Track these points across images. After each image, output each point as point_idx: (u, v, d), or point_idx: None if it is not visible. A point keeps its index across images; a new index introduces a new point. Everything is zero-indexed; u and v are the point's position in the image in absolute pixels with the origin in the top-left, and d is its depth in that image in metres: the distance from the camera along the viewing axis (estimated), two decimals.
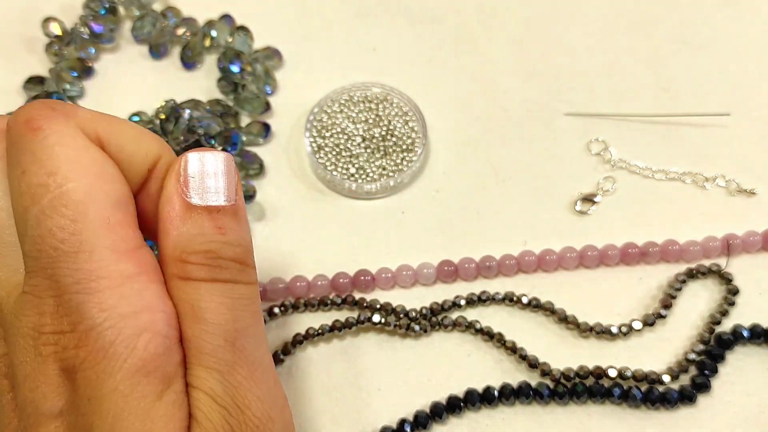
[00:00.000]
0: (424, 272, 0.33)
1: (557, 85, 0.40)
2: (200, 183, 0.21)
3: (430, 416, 0.30)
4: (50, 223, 0.19)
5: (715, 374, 0.31)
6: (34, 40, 0.40)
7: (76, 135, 0.20)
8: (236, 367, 0.21)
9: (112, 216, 0.20)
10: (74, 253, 0.19)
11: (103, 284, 0.19)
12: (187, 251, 0.21)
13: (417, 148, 0.36)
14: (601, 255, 0.34)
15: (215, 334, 0.21)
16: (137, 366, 0.19)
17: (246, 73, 0.39)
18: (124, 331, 0.19)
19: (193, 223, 0.21)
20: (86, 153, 0.20)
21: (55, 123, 0.20)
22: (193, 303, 0.21)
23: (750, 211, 0.36)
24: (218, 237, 0.21)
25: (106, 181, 0.20)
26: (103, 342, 0.18)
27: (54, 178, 0.19)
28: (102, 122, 0.21)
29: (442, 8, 0.42)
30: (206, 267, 0.21)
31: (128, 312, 0.19)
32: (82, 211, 0.19)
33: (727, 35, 0.41)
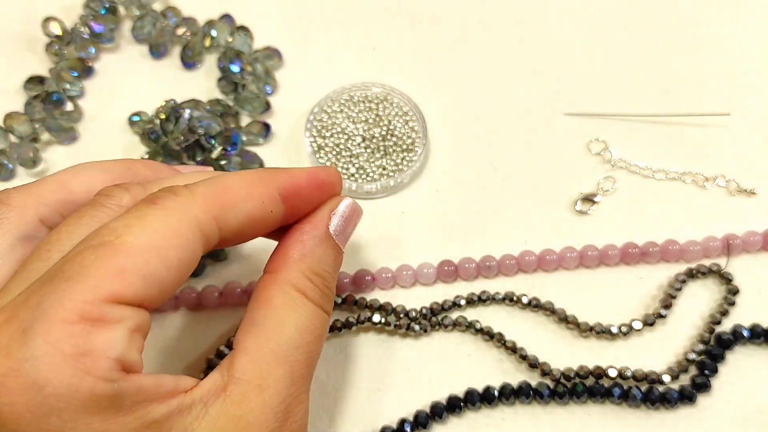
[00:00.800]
0: (424, 272, 0.33)
1: (557, 85, 0.40)
2: (343, 225, 0.26)
3: (430, 416, 0.30)
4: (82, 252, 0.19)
5: (715, 374, 0.31)
6: (34, 39, 0.40)
7: (180, 222, 0.21)
8: (303, 383, 0.23)
9: (132, 274, 0.19)
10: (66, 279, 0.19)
11: (60, 315, 0.18)
12: (312, 269, 0.24)
13: (417, 147, 0.36)
14: (601, 255, 0.34)
15: (301, 351, 0.23)
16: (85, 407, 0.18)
17: (246, 73, 0.39)
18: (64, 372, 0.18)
19: (326, 251, 0.25)
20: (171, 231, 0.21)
21: (172, 203, 0.21)
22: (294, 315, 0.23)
23: (750, 211, 0.36)
24: (334, 271, 0.26)
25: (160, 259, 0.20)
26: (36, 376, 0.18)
27: (125, 229, 0.20)
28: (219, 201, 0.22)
29: (442, 8, 0.42)
30: (320, 292, 0.24)
31: (71, 352, 0.18)
32: (110, 255, 0.19)
33: (727, 35, 0.41)
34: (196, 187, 0.22)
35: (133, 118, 0.38)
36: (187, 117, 0.35)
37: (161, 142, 0.36)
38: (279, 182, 0.24)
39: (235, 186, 0.23)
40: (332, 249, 0.26)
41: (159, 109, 0.37)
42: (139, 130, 0.37)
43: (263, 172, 0.24)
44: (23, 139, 0.37)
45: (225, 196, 0.23)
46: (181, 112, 0.35)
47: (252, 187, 0.23)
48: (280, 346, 0.22)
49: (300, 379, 0.23)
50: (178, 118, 0.35)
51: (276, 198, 0.24)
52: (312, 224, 0.25)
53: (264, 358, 0.22)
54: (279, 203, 0.24)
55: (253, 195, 0.23)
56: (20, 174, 0.37)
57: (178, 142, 0.35)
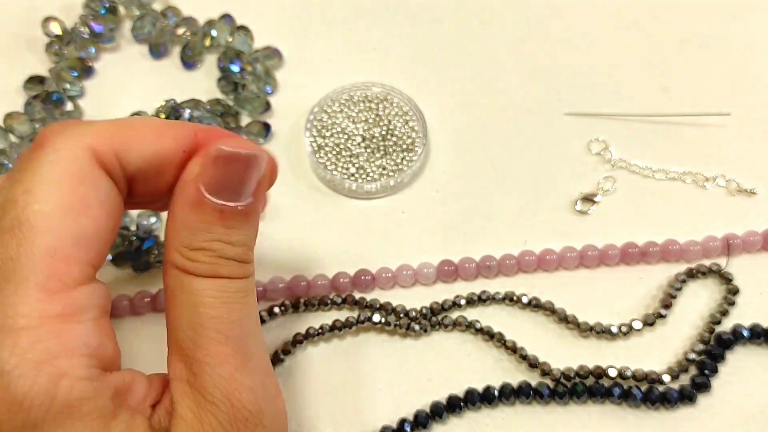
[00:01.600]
0: (424, 272, 0.33)
1: (557, 85, 0.40)
2: (221, 179, 0.20)
3: (430, 416, 0.30)
4: (1, 242, 0.18)
5: (715, 374, 0.31)
6: (35, 39, 0.40)
7: (74, 156, 0.19)
8: (228, 359, 0.20)
9: (62, 250, 0.19)
10: (3, 281, 0.18)
11: (20, 323, 0.17)
12: (189, 246, 0.20)
13: (417, 147, 0.36)
14: (601, 255, 0.34)
15: (209, 327, 0.20)
16: (64, 413, 0.17)
17: (246, 73, 0.39)
18: (39, 380, 0.17)
19: (201, 218, 0.20)
20: (76, 178, 0.19)
21: (59, 140, 0.19)
22: (187, 295, 0.20)
23: (750, 210, 0.36)
24: (223, 237, 0.21)
25: (77, 211, 0.19)
26: (15, 392, 0.17)
27: (26, 196, 0.19)
28: (119, 134, 0.20)
29: (442, 8, 0.42)
30: (206, 264, 0.21)
31: (43, 358, 0.17)
32: (31, 237, 0.18)
33: (727, 35, 0.41)
34: (94, 123, 0.21)
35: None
36: (187, 117, 0.35)
37: None
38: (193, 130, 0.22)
39: (143, 122, 0.21)
40: (213, 213, 0.21)
41: (159, 109, 0.37)
42: None
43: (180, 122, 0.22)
44: (23, 139, 0.37)
45: (129, 130, 0.21)
46: (181, 111, 0.35)
47: (163, 125, 0.22)
48: (184, 332, 0.20)
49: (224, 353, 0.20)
50: (178, 117, 0.35)
51: (189, 139, 0.22)
52: (179, 188, 0.21)
53: (173, 347, 0.21)
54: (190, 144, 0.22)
55: (162, 132, 0.21)
56: None
57: None
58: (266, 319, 0.32)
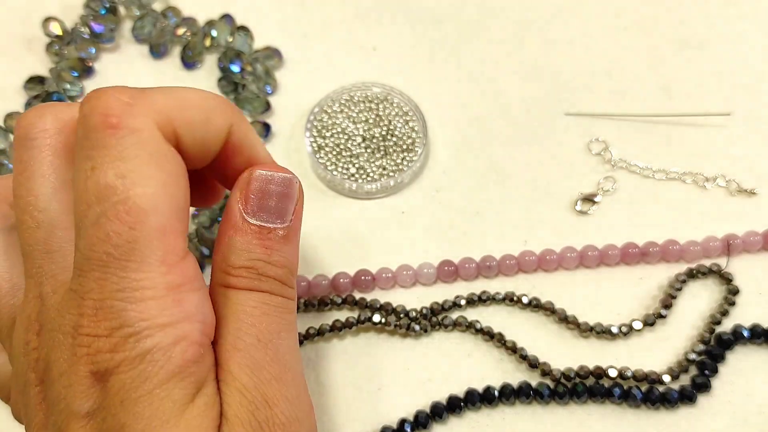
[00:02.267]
0: (425, 272, 0.33)
1: (557, 85, 0.40)
2: (259, 201, 0.23)
3: (431, 416, 0.30)
4: (109, 228, 0.19)
5: (715, 374, 0.31)
6: (35, 39, 0.40)
7: (152, 136, 0.20)
8: (267, 366, 0.22)
9: (170, 225, 0.20)
10: (125, 261, 0.19)
11: (147, 294, 0.19)
12: (231, 265, 0.22)
13: (417, 148, 0.36)
14: (601, 255, 0.34)
15: (249, 333, 0.22)
16: (173, 372, 0.19)
17: (246, 73, 0.39)
18: (163, 341, 0.19)
19: (242, 238, 0.22)
20: (160, 156, 0.20)
21: (133, 120, 0.20)
22: (231, 307, 0.22)
23: (750, 211, 0.36)
24: (263, 256, 0.22)
25: (173, 187, 0.20)
26: (141, 349, 0.19)
27: (123, 181, 0.19)
28: (174, 109, 0.21)
29: (442, 8, 0.42)
30: (248, 279, 0.22)
31: (167, 322, 0.19)
32: (143, 219, 0.19)
33: (727, 35, 0.41)
34: (154, 95, 0.21)
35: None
36: None
37: None
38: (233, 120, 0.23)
39: (195, 104, 0.22)
40: (252, 234, 0.22)
41: None
42: None
43: (225, 101, 0.23)
44: None
45: (185, 112, 0.22)
46: None
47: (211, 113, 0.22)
48: (224, 338, 0.22)
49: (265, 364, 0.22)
50: None
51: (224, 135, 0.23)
52: (225, 215, 0.23)
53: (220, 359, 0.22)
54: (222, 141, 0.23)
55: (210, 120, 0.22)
56: None
57: None
58: None
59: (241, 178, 0.23)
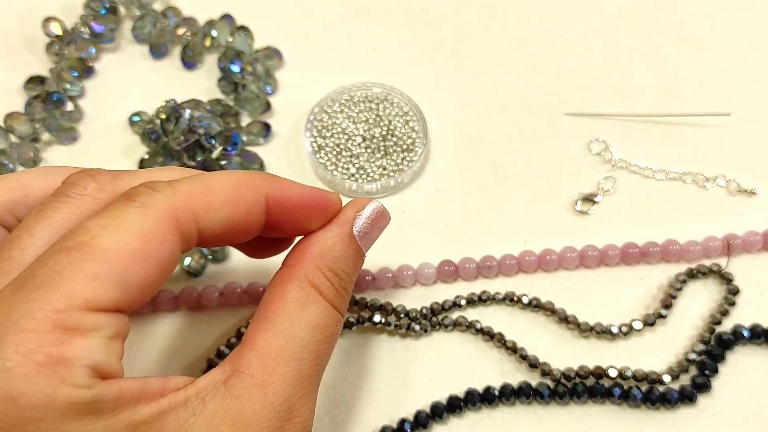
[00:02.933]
0: (425, 272, 0.33)
1: (557, 85, 0.40)
2: (368, 227, 0.26)
3: (431, 416, 0.30)
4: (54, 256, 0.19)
5: (715, 374, 0.31)
6: (35, 39, 0.40)
7: (158, 219, 0.20)
8: (311, 382, 0.22)
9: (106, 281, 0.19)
10: (37, 286, 0.18)
11: (31, 325, 0.18)
12: (331, 268, 0.24)
13: (417, 148, 0.36)
14: (601, 255, 0.34)
15: (312, 351, 0.22)
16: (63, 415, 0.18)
17: (246, 73, 0.39)
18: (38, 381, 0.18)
19: (348, 252, 0.25)
20: (148, 234, 0.20)
21: (149, 200, 0.21)
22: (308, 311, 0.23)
23: (750, 211, 0.36)
24: (353, 273, 0.25)
25: (135, 262, 0.20)
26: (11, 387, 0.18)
27: (99, 230, 0.19)
28: (201, 200, 0.22)
29: (442, 8, 0.42)
30: (335, 291, 0.24)
31: (45, 362, 0.18)
32: (83, 259, 0.19)
33: (727, 35, 0.41)
34: (179, 184, 0.22)
35: (133, 118, 0.38)
36: (187, 117, 0.35)
37: (161, 142, 0.36)
38: (268, 190, 0.23)
39: (221, 187, 0.22)
40: (353, 250, 0.25)
41: (159, 109, 0.37)
42: (139, 130, 0.37)
43: (253, 175, 0.23)
44: (23, 139, 0.37)
45: (209, 196, 0.22)
46: (181, 112, 0.35)
47: (238, 190, 0.23)
48: (288, 343, 0.22)
49: (307, 378, 0.22)
50: (179, 118, 0.35)
51: (261, 205, 0.23)
52: (337, 222, 0.25)
53: (270, 354, 0.22)
54: (263, 211, 0.23)
55: (238, 199, 0.22)
56: None
57: (178, 142, 0.35)
58: None
59: (360, 201, 0.26)
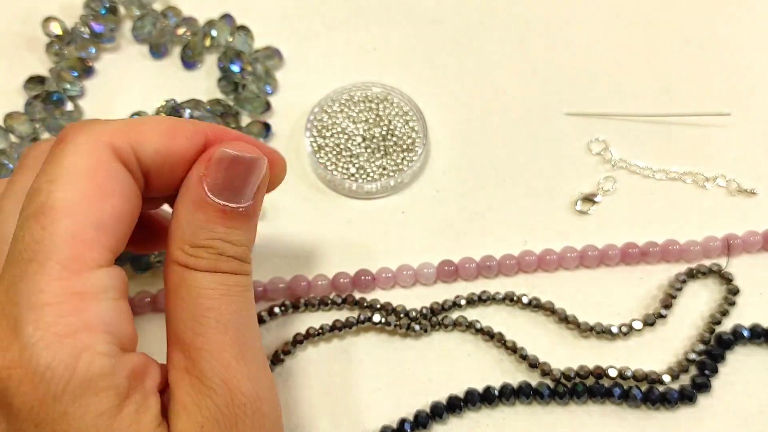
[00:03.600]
0: (425, 272, 0.33)
1: (557, 85, 0.40)
2: (224, 181, 0.22)
3: (430, 416, 0.30)
4: (26, 227, 0.19)
5: (715, 374, 0.31)
6: (35, 39, 0.40)
7: (94, 149, 0.20)
8: (227, 348, 0.21)
9: (84, 233, 0.19)
10: (28, 261, 0.19)
11: (43, 299, 0.18)
12: (191, 243, 0.21)
13: (417, 147, 0.36)
14: (601, 255, 0.34)
15: (208, 317, 0.21)
16: (83, 387, 0.18)
17: (246, 73, 0.39)
18: (61, 352, 0.18)
19: (204, 217, 0.22)
20: (96, 168, 0.20)
21: (79, 135, 0.21)
22: (187, 288, 0.21)
23: (750, 211, 0.36)
24: (224, 236, 0.22)
25: (98, 199, 0.20)
26: (37, 363, 0.18)
27: (50, 185, 0.20)
28: (135, 130, 0.21)
29: (442, 8, 0.42)
30: (207, 260, 0.22)
31: (66, 332, 0.18)
32: (54, 220, 0.19)
33: (727, 35, 0.41)
34: (113, 120, 0.22)
35: (133, 118, 0.38)
36: (187, 117, 0.35)
37: None
38: (208, 128, 0.23)
39: (156, 120, 0.22)
40: (215, 212, 0.22)
41: (159, 109, 0.37)
42: None
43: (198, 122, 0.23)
44: (23, 139, 0.37)
45: (143, 125, 0.22)
46: (181, 111, 0.35)
47: (176, 123, 0.22)
48: (184, 322, 0.21)
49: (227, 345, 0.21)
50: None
51: (201, 137, 0.23)
52: (184, 187, 0.22)
53: (172, 339, 0.21)
54: (202, 143, 0.23)
55: (175, 129, 0.22)
56: None
57: None
58: (266, 319, 0.32)
59: (205, 154, 0.22)
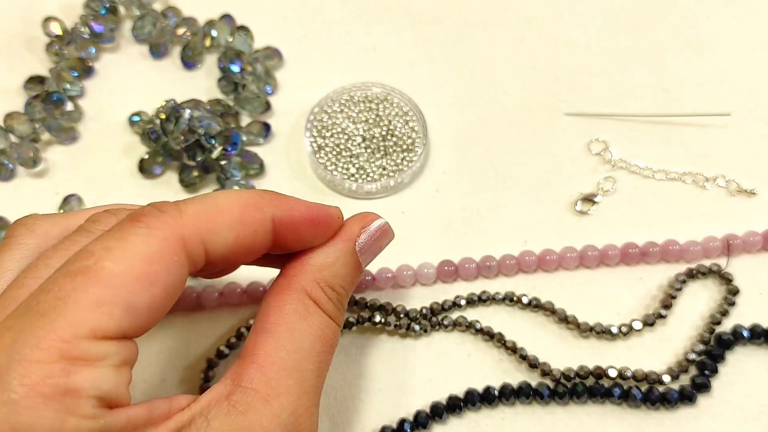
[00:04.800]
0: (425, 272, 0.33)
1: (557, 85, 0.40)
2: (370, 243, 0.26)
3: (430, 416, 0.30)
4: (59, 280, 0.19)
5: (715, 374, 0.31)
6: (35, 39, 0.40)
7: (164, 240, 0.20)
8: (314, 393, 0.22)
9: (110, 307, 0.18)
10: (41, 314, 0.18)
11: (36, 356, 0.18)
12: (329, 283, 0.24)
13: (417, 148, 0.36)
14: (601, 255, 0.34)
15: (314, 361, 0.22)
16: None
17: (246, 73, 0.39)
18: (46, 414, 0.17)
19: (348, 268, 0.25)
20: (155, 256, 0.19)
21: (155, 221, 0.20)
22: (309, 325, 0.23)
23: (750, 211, 0.36)
24: (351, 289, 0.25)
25: (141, 285, 0.19)
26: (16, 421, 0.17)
27: (103, 252, 0.19)
28: (208, 222, 0.21)
29: (442, 8, 0.42)
30: (334, 305, 0.24)
31: (51, 393, 0.17)
32: (87, 284, 0.18)
33: (727, 35, 0.41)
34: (186, 205, 0.21)
35: (133, 118, 0.38)
36: (187, 117, 0.35)
37: (161, 142, 0.36)
38: (274, 210, 0.23)
39: (228, 208, 0.22)
40: (353, 266, 0.25)
41: (159, 109, 0.37)
42: (139, 130, 0.37)
43: (260, 195, 0.23)
44: (23, 139, 0.37)
45: (216, 217, 0.21)
46: (181, 112, 0.35)
47: (245, 211, 0.22)
48: (290, 355, 0.22)
49: (310, 389, 0.22)
50: (179, 118, 0.35)
51: (268, 226, 0.23)
52: (340, 237, 0.25)
53: (273, 367, 0.21)
54: (270, 232, 0.23)
55: (245, 220, 0.22)
56: (20, 174, 0.37)
57: (178, 142, 0.35)
58: None
59: (366, 217, 0.26)
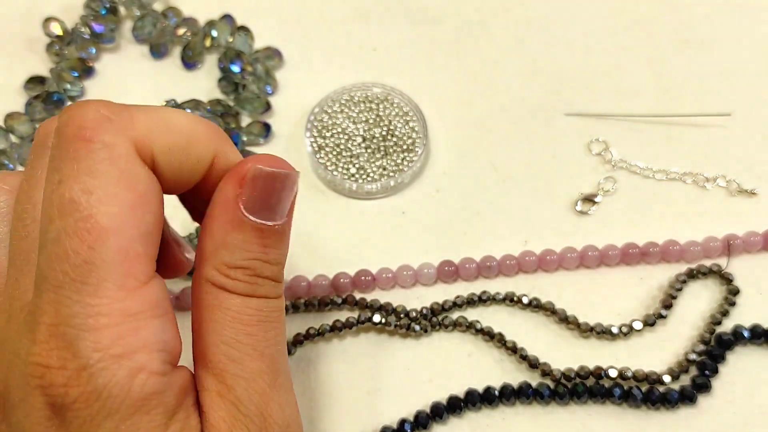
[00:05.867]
0: (425, 272, 0.33)
1: (557, 85, 0.40)
2: (260, 199, 0.21)
3: (431, 416, 0.30)
4: (68, 244, 0.18)
5: (715, 374, 0.31)
6: (35, 40, 0.40)
7: (126, 153, 0.19)
8: (263, 375, 0.21)
9: (133, 249, 0.19)
10: (80, 283, 0.18)
11: (101, 322, 0.18)
12: (228, 264, 0.21)
13: (417, 148, 0.36)
14: (601, 255, 0.34)
15: (245, 343, 0.21)
16: (135, 407, 0.18)
17: (246, 73, 0.39)
18: (119, 373, 0.18)
19: (241, 237, 0.21)
20: (131, 175, 0.19)
21: (108, 135, 0.19)
22: (224, 312, 0.21)
23: (750, 211, 0.36)
24: (261, 256, 0.21)
25: (141, 209, 0.19)
26: (96, 384, 0.18)
27: (88, 197, 0.18)
28: (155, 129, 0.20)
29: (442, 8, 0.42)
30: (245, 284, 0.21)
31: (122, 353, 0.18)
32: (104, 239, 0.18)
33: (727, 35, 0.41)
34: (137, 113, 0.20)
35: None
36: None
37: None
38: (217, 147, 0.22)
39: (179, 129, 0.21)
40: (252, 232, 0.21)
41: None
42: None
43: (210, 127, 0.22)
44: (23, 139, 0.37)
45: (166, 136, 0.20)
46: None
47: (195, 137, 0.21)
48: (220, 348, 0.21)
49: (257, 374, 0.21)
50: None
51: (207, 163, 0.22)
52: (219, 207, 0.21)
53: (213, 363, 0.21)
54: (205, 169, 0.22)
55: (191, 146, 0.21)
56: None
57: None
58: None
59: (239, 171, 0.21)
